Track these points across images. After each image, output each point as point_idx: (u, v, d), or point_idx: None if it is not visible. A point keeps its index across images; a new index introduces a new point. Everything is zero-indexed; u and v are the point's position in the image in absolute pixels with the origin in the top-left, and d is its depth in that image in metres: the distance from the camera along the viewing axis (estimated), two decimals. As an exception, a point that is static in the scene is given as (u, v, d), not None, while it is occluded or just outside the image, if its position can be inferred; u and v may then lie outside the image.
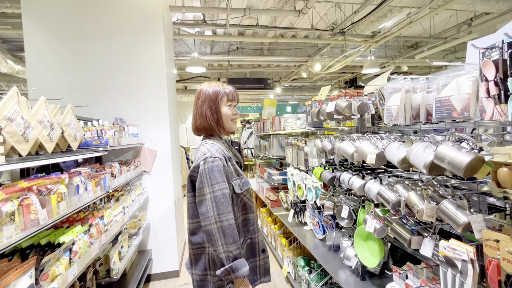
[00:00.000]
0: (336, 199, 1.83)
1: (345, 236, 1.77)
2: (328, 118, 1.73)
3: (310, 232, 2.29)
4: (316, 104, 1.95)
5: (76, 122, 1.57)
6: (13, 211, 0.90)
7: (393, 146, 1.21)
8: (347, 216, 1.67)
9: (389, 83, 1.24)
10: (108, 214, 1.67)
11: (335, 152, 1.64)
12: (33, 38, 2.56)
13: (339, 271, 1.67)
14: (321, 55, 5.72)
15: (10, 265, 0.97)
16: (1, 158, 0.92)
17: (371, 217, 1.35)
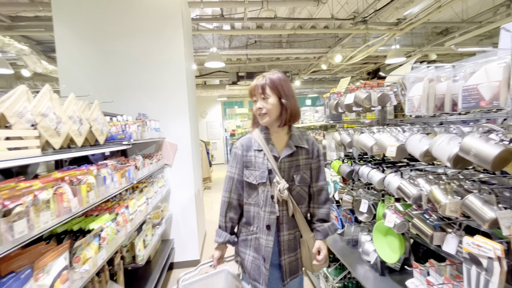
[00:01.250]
0: (355, 193, 1.79)
1: (364, 231, 1.73)
2: (347, 110, 1.68)
3: (329, 226, 2.27)
4: (335, 96, 1.91)
5: (102, 117, 1.67)
6: (48, 199, 0.99)
7: (415, 138, 1.16)
8: (366, 211, 1.64)
9: (411, 72, 1.18)
10: (133, 204, 1.76)
11: (354, 145, 1.60)
12: (63, 39, 2.73)
13: (358, 266, 1.65)
14: (341, 46, 5.53)
15: (47, 247, 1.06)
16: (38, 151, 1.01)
17: (391, 212, 1.32)
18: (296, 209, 1.20)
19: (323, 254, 1.21)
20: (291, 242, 1.23)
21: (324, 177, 1.28)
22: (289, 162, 1.19)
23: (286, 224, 1.21)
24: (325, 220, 1.26)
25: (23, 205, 0.84)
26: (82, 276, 1.12)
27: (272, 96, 1.16)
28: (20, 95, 1.07)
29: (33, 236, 0.89)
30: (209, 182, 7.25)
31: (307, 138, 1.26)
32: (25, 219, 0.86)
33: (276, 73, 1.21)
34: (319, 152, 1.28)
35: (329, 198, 1.29)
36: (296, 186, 1.20)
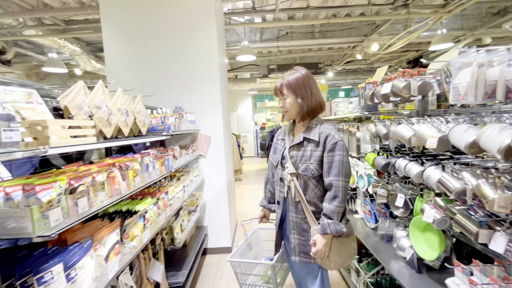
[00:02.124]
0: (390, 187, 1.72)
1: (399, 226, 1.67)
2: (384, 100, 1.61)
3: (361, 220, 2.22)
4: (370, 86, 1.83)
5: (144, 110, 1.81)
6: (103, 181, 1.12)
7: (460, 128, 1.08)
8: (403, 205, 1.57)
9: (458, 57, 1.10)
10: (171, 190, 1.90)
11: (390, 136, 1.53)
12: (110, 39, 2.97)
13: (392, 262, 1.59)
14: (379, 34, 5.21)
15: (102, 224, 1.21)
16: (94, 139, 1.14)
17: (430, 207, 1.25)
18: (300, 196, 1.30)
19: (315, 249, 1.25)
20: (299, 226, 1.34)
21: (337, 174, 1.24)
22: (296, 151, 1.33)
23: (292, 207, 1.35)
24: (328, 217, 1.25)
25: (84, 185, 0.97)
26: (131, 251, 1.25)
27: (290, 96, 1.31)
28: (78, 90, 1.22)
29: (92, 212, 1.02)
30: (239, 174, 7.42)
31: (322, 131, 1.29)
32: (86, 197, 0.99)
33: (295, 72, 1.32)
34: (334, 147, 1.25)
35: (337, 196, 1.24)
36: (301, 174, 1.30)
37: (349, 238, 1.33)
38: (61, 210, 0.86)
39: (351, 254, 1.34)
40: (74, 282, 0.85)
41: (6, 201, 0.80)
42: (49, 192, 0.82)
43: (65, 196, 0.90)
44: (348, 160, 1.30)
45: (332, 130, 1.31)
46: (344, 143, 1.30)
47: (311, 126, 1.32)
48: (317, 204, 1.31)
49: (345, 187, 1.26)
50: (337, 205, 1.24)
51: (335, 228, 1.23)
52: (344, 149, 1.27)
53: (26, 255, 0.91)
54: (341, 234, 1.24)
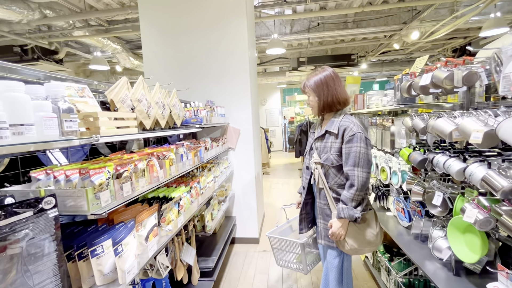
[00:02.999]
0: (427, 185, 1.63)
1: (436, 226, 1.58)
2: (422, 92, 1.51)
3: (393, 218, 2.13)
4: (408, 77, 1.73)
5: (179, 103, 1.91)
6: (144, 168, 1.22)
7: (511, 122, 0.99)
8: (440, 204, 1.48)
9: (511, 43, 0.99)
10: (203, 180, 2.00)
11: (429, 131, 1.44)
12: (148, 36, 3.15)
13: (427, 262, 1.52)
14: (420, 20, 4.82)
15: (143, 207, 1.32)
16: (135, 130, 1.24)
17: (472, 206, 1.17)
18: (323, 183, 1.43)
19: (330, 231, 1.38)
20: (323, 211, 1.48)
21: (352, 164, 1.33)
22: (320, 142, 1.47)
23: (318, 193, 1.50)
24: (344, 202, 1.36)
25: (128, 171, 1.07)
26: (167, 234, 1.36)
27: (311, 94, 1.48)
28: (122, 84, 1.33)
29: (135, 196, 1.12)
30: (267, 168, 7.48)
31: (342, 124, 1.39)
32: (129, 182, 1.09)
33: (316, 73, 1.46)
34: (352, 139, 1.34)
35: (354, 184, 1.33)
36: (324, 163, 1.43)
37: (367, 225, 1.42)
38: (109, 192, 0.96)
39: (369, 242, 1.41)
40: (120, 257, 0.95)
41: (66, 182, 0.91)
42: (100, 176, 0.92)
43: (113, 180, 1.00)
44: (367, 151, 1.36)
45: (351, 123, 1.39)
46: (363, 135, 1.36)
47: (333, 120, 1.45)
48: (337, 191, 1.43)
49: (362, 177, 1.33)
50: (353, 192, 1.33)
51: (348, 213, 1.33)
52: (361, 141, 1.34)
53: (82, 231, 1.04)
54: (355, 219, 1.34)
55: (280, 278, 2.51)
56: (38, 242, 0.80)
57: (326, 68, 1.47)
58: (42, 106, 0.70)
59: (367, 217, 1.42)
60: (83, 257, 0.93)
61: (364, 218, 1.41)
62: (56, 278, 0.84)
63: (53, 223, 0.84)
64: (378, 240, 1.45)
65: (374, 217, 1.46)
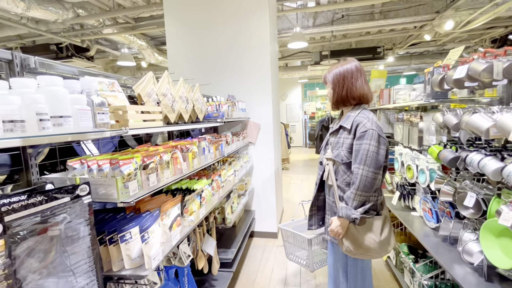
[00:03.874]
0: (458, 184, 1.54)
1: (467, 228, 1.49)
2: (456, 86, 1.42)
3: (419, 218, 2.04)
4: (440, 70, 1.63)
5: (201, 98, 1.95)
6: (168, 160, 1.27)
7: (558, 118, 0.90)
8: (473, 205, 1.39)
9: None
10: (224, 174, 2.04)
11: (462, 127, 1.35)
12: (171, 33, 3.23)
13: (456, 266, 1.44)
14: (455, 9, 4.48)
15: (167, 198, 1.38)
16: (161, 123, 1.29)
17: (510, 208, 1.09)
18: (331, 180, 1.38)
19: (329, 228, 1.36)
20: (331, 208, 1.44)
21: (359, 161, 1.27)
22: (333, 137, 1.43)
23: (328, 190, 1.46)
24: (345, 201, 1.32)
25: (154, 163, 1.12)
26: (189, 224, 1.41)
27: (329, 86, 1.45)
28: (149, 79, 1.38)
29: (160, 186, 1.17)
30: (287, 163, 7.44)
31: (356, 120, 1.33)
32: (155, 173, 1.14)
33: (338, 64, 1.42)
34: (363, 135, 1.28)
35: (354, 182, 1.28)
36: (335, 160, 1.38)
37: (368, 230, 1.33)
38: (137, 182, 1.02)
39: (367, 248, 1.32)
40: (147, 243, 1.00)
41: (98, 171, 0.98)
42: (128, 166, 0.97)
43: (140, 171, 1.05)
44: (378, 150, 1.27)
45: (366, 118, 1.32)
46: (376, 132, 1.29)
47: (349, 115, 1.39)
48: (345, 190, 1.37)
49: (366, 176, 1.26)
50: (352, 191, 1.28)
51: (345, 213, 1.29)
52: (373, 139, 1.27)
53: (111, 217, 1.11)
54: (352, 220, 1.29)
55: (298, 273, 2.51)
56: (74, 226, 0.87)
57: (349, 60, 1.41)
58: (78, 99, 0.75)
59: (372, 222, 1.32)
60: (114, 241, 0.99)
61: (366, 221, 1.32)
62: (90, 260, 0.91)
63: (87, 208, 0.90)
64: (383, 249, 1.34)
65: (382, 223, 1.34)
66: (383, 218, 1.36)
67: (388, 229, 1.37)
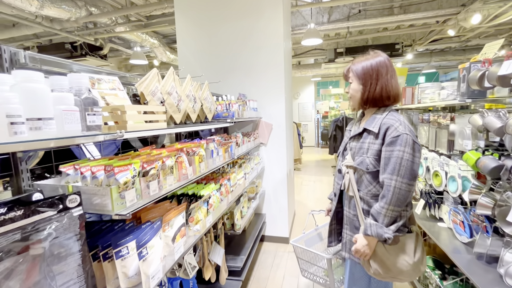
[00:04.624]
0: (499, 196, 1.35)
1: (510, 247, 1.30)
2: (501, 84, 1.23)
3: (447, 231, 1.85)
4: (478, 66, 1.43)
5: (210, 96, 1.83)
6: (172, 165, 1.16)
7: None
8: (519, 222, 1.20)
9: None
10: (233, 177, 1.92)
11: (508, 132, 1.17)
12: (182, 30, 3.14)
13: (494, 289, 1.26)
14: (483, 1, 4.17)
15: (171, 205, 1.27)
16: (164, 124, 1.18)
17: None
18: (353, 191, 1.21)
19: (354, 247, 1.18)
20: (352, 222, 1.26)
21: (391, 171, 1.10)
22: (356, 142, 1.25)
23: (347, 201, 1.28)
24: (373, 217, 1.14)
25: (155, 169, 1.01)
26: (195, 234, 1.30)
27: (354, 81, 1.23)
28: (153, 77, 1.27)
29: (162, 195, 1.06)
30: (298, 164, 7.26)
31: (385, 122, 1.15)
32: (157, 180, 1.03)
33: (368, 57, 1.21)
34: (395, 141, 1.10)
35: (386, 196, 1.11)
36: (357, 168, 1.21)
37: (401, 250, 1.15)
38: (135, 191, 0.91)
39: (400, 271, 1.14)
40: (145, 260, 0.90)
41: (92, 179, 0.87)
42: (125, 174, 0.87)
43: (139, 178, 0.94)
44: (413, 159, 1.10)
45: (397, 121, 1.14)
46: (411, 138, 1.11)
47: (375, 116, 1.21)
48: (370, 203, 1.20)
49: (400, 188, 1.09)
50: (383, 206, 1.11)
51: (376, 231, 1.11)
52: (408, 145, 1.09)
53: (109, 228, 1.01)
54: (384, 240, 1.11)
55: (311, 283, 2.36)
56: (62, 242, 0.76)
57: (379, 53, 1.22)
58: (63, 98, 0.65)
59: (403, 241, 1.16)
60: (109, 257, 0.89)
61: (398, 241, 1.15)
62: (80, 279, 0.81)
63: (77, 222, 0.80)
64: (416, 271, 1.16)
65: (414, 241, 1.17)
66: (415, 236, 1.19)
67: (421, 248, 1.20)
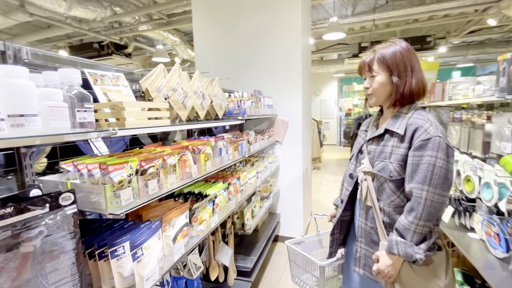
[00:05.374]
0: (543, 208, 1.16)
1: (556, 268, 1.12)
2: (549, 77, 1.05)
3: (479, 242, 1.65)
4: (522, 57, 1.24)
5: (221, 93, 1.79)
6: (175, 163, 1.13)
7: None
8: None
9: None
10: (244, 176, 1.87)
11: (558, 133, 0.99)
12: (199, 26, 3.13)
13: (534, 315, 1.10)
14: (532, -15, 3.71)
15: (175, 204, 1.25)
16: (168, 121, 1.15)
17: None
18: (372, 201, 1.05)
19: (376, 267, 1.00)
20: (368, 235, 1.11)
21: (422, 180, 0.94)
22: (375, 145, 1.10)
23: (363, 211, 1.12)
24: (400, 233, 0.97)
25: (154, 167, 0.98)
26: (198, 234, 1.27)
27: (381, 73, 1.05)
28: (158, 73, 1.25)
29: (162, 194, 1.03)
30: (318, 162, 7.06)
31: (412, 122, 1.00)
32: (156, 179, 1.00)
33: (392, 45, 1.05)
34: (426, 144, 0.94)
35: (415, 209, 0.94)
36: (377, 175, 1.05)
37: (432, 273, 0.98)
38: (131, 190, 0.88)
39: None
40: (139, 262, 0.87)
41: (89, 176, 0.86)
42: (120, 172, 0.84)
43: (137, 177, 0.92)
44: (448, 166, 0.94)
45: (427, 121, 0.98)
46: (444, 141, 0.95)
47: (398, 115, 1.06)
48: (392, 215, 1.03)
49: (432, 200, 0.93)
50: (412, 220, 0.95)
51: (404, 250, 0.95)
52: (441, 149, 0.94)
53: (109, 226, 1.01)
54: (413, 261, 0.94)
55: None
56: (55, 240, 0.76)
57: (401, 40, 1.05)
58: (49, 94, 0.63)
59: (434, 260, 0.99)
60: (104, 256, 0.87)
61: (429, 261, 0.98)
62: (74, 278, 0.80)
63: (71, 220, 0.79)
64: None
65: (445, 261, 1.01)
66: (445, 254, 1.02)
67: (451, 268, 1.04)
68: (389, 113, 1.12)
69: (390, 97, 1.07)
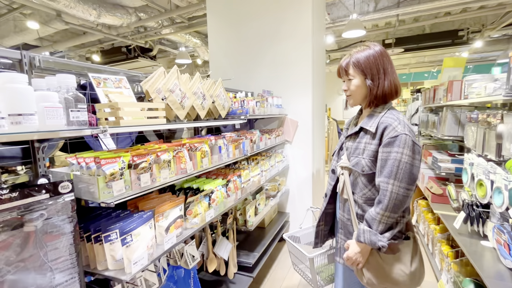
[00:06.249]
0: (552, 216, 1.07)
1: None
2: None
3: (492, 251, 1.55)
4: (534, 52, 1.15)
5: (224, 93, 1.86)
6: (169, 160, 1.22)
7: None
8: None
9: None
10: (245, 174, 1.92)
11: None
12: (212, 27, 3.24)
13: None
14: None
15: (172, 197, 1.34)
16: (164, 120, 1.24)
17: None
18: (347, 193, 1.14)
19: (345, 254, 1.11)
20: (346, 226, 1.19)
21: (388, 174, 1.01)
22: (351, 142, 1.18)
23: (341, 204, 1.21)
24: (368, 223, 1.06)
25: (147, 162, 1.07)
26: (192, 227, 1.34)
27: (357, 77, 1.13)
28: (159, 75, 1.35)
29: (155, 186, 1.13)
30: (338, 163, 6.89)
31: (383, 121, 1.06)
32: (149, 173, 1.09)
33: (365, 49, 1.12)
34: (393, 141, 1.01)
35: (382, 201, 1.02)
36: (353, 169, 1.13)
37: (396, 259, 1.07)
38: (123, 182, 0.98)
39: (395, 281, 1.05)
40: (128, 247, 0.97)
41: (87, 169, 0.97)
42: (112, 166, 0.94)
43: (129, 170, 1.02)
44: (413, 161, 1.01)
45: (396, 120, 1.05)
46: (410, 138, 1.01)
47: (373, 114, 1.13)
48: (364, 207, 1.12)
49: (398, 193, 1.00)
50: (378, 211, 1.03)
51: (369, 238, 1.04)
52: (407, 146, 1.00)
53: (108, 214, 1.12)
54: (378, 248, 1.03)
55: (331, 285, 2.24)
56: (55, 223, 0.87)
57: (375, 44, 1.14)
58: (46, 96, 0.73)
59: (399, 248, 1.07)
60: (100, 240, 0.98)
61: (394, 249, 1.07)
62: (72, 257, 0.91)
63: (69, 206, 0.90)
64: (414, 282, 1.07)
65: (411, 249, 1.09)
66: (412, 243, 1.10)
67: (419, 257, 1.10)
68: (366, 113, 1.19)
69: (366, 98, 1.14)
